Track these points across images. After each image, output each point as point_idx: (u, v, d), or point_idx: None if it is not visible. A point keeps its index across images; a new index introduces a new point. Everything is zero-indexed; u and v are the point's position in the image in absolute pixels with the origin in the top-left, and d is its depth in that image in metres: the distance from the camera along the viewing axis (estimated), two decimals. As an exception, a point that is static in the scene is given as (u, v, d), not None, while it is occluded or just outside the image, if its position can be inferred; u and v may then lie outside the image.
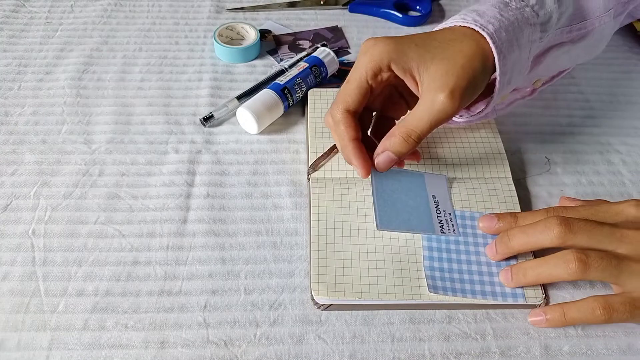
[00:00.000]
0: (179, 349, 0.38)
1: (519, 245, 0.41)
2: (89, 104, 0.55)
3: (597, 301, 0.38)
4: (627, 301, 0.38)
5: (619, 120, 0.56)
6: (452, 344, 0.39)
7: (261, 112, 0.51)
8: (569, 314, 0.39)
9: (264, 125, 0.52)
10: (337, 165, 0.49)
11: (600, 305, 0.38)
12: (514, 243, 0.41)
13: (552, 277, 0.39)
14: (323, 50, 0.57)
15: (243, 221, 0.46)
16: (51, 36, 0.62)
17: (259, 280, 0.42)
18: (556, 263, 0.39)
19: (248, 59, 0.60)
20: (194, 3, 0.68)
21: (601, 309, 0.38)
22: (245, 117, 0.51)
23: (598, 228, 0.39)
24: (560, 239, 0.39)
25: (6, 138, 0.51)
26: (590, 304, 0.38)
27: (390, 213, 0.44)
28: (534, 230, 0.40)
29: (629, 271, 0.38)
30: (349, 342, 0.39)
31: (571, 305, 0.39)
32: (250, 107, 0.51)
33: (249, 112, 0.50)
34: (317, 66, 0.55)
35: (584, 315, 0.38)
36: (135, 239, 0.44)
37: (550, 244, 0.39)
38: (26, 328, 0.39)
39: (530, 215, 0.43)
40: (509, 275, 0.41)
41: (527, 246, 0.41)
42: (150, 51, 0.61)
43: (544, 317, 0.40)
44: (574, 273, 0.38)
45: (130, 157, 0.50)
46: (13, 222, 0.45)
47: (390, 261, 0.42)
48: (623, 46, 0.64)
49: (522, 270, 0.41)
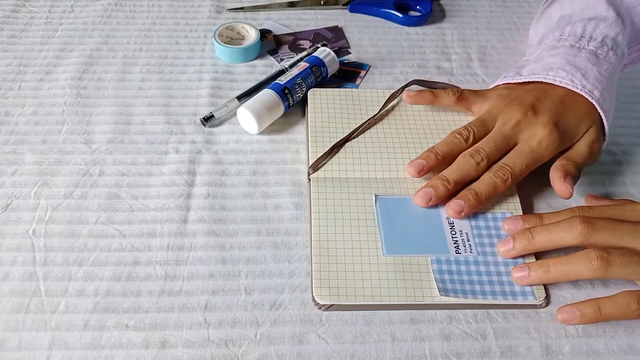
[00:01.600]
0: (180, 349, 0.38)
1: (542, 243, 0.41)
2: (89, 104, 0.55)
3: (631, 296, 0.38)
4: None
5: (619, 120, 0.55)
6: (453, 344, 0.39)
7: (261, 112, 0.51)
8: (605, 309, 0.39)
9: (264, 125, 0.52)
10: (338, 165, 0.49)
11: (635, 299, 0.38)
12: (537, 240, 0.41)
13: (574, 275, 0.39)
14: (323, 50, 0.57)
15: (243, 221, 0.46)
16: (51, 36, 0.62)
17: (260, 280, 0.42)
18: (579, 260, 0.39)
19: (248, 59, 0.60)
20: (194, 3, 0.68)
21: (636, 304, 0.38)
22: (246, 117, 0.51)
23: (620, 225, 0.40)
24: (583, 237, 0.39)
25: (6, 138, 0.51)
26: (624, 298, 0.38)
27: (398, 238, 0.43)
28: (557, 229, 0.40)
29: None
30: (349, 342, 0.39)
31: (606, 300, 0.39)
32: (251, 107, 0.51)
33: (250, 112, 0.50)
34: (317, 66, 0.55)
35: (620, 311, 0.38)
36: (136, 239, 0.44)
37: (572, 242, 0.40)
38: (27, 328, 0.39)
39: (555, 216, 0.43)
40: (525, 271, 0.41)
41: (549, 244, 0.41)
42: (151, 51, 0.61)
43: (577, 313, 0.39)
44: (596, 270, 0.38)
45: (131, 157, 0.50)
46: (13, 222, 0.45)
47: (392, 263, 0.42)
48: (623, 46, 0.64)
49: (545, 267, 0.40)
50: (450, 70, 0.60)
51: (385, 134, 0.52)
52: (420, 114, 0.54)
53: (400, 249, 0.43)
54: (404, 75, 0.59)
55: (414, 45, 0.63)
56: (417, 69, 0.60)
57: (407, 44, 0.63)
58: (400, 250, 0.43)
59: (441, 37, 0.65)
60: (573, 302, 0.40)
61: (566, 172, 0.45)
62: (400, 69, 0.60)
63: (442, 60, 0.62)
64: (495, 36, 0.65)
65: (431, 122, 0.53)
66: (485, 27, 0.66)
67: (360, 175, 0.48)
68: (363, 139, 0.51)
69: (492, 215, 0.45)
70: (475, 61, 0.62)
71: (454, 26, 0.66)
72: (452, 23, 0.67)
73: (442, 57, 0.62)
